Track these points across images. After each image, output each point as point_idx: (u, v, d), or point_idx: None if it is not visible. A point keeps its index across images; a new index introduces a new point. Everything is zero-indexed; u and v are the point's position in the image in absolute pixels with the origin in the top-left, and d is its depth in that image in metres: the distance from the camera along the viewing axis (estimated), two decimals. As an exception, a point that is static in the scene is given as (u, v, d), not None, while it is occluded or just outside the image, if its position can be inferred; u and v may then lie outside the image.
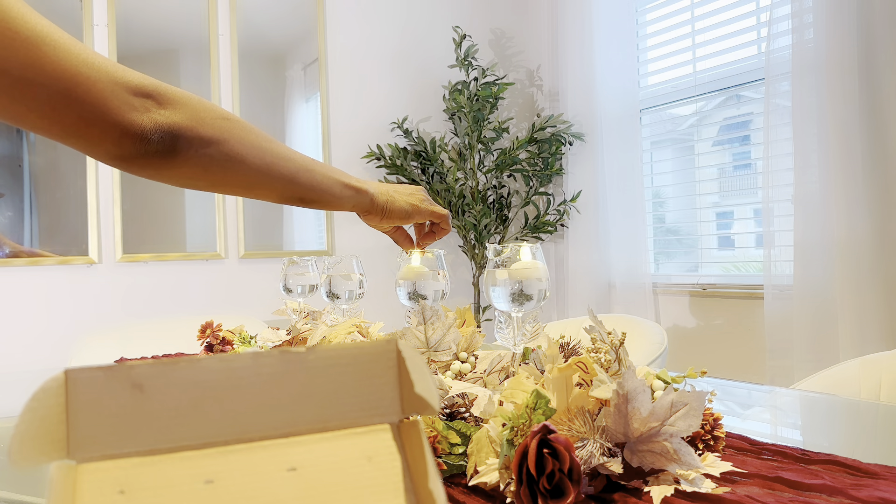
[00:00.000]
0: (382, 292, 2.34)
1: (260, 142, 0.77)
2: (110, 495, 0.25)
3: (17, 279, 2.39)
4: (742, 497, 0.54)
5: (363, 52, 3.04)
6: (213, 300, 2.70)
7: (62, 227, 2.48)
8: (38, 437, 0.25)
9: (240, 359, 0.27)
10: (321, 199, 0.86)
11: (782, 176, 2.36)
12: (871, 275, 2.14)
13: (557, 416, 0.58)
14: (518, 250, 0.80)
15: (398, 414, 0.29)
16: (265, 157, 0.77)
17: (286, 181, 0.80)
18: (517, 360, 0.82)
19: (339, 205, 0.89)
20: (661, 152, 3.05)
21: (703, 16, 2.78)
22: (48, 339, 2.41)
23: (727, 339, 2.66)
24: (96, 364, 0.26)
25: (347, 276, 1.19)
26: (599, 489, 0.56)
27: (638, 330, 1.57)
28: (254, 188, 0.79)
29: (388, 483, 0.27)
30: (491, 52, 3.34)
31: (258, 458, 0.27)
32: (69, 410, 0.26)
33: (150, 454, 0.26)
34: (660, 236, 3.06)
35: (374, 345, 0.29)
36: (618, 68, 2.96)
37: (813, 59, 2.23)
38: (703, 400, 0.55)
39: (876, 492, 0.54)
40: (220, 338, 1.22)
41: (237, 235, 2.75)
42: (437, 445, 0.63)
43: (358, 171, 3.01)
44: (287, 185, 0.81)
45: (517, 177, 3.23)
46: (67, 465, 0.25)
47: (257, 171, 0.76)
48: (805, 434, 0.90)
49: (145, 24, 2.63)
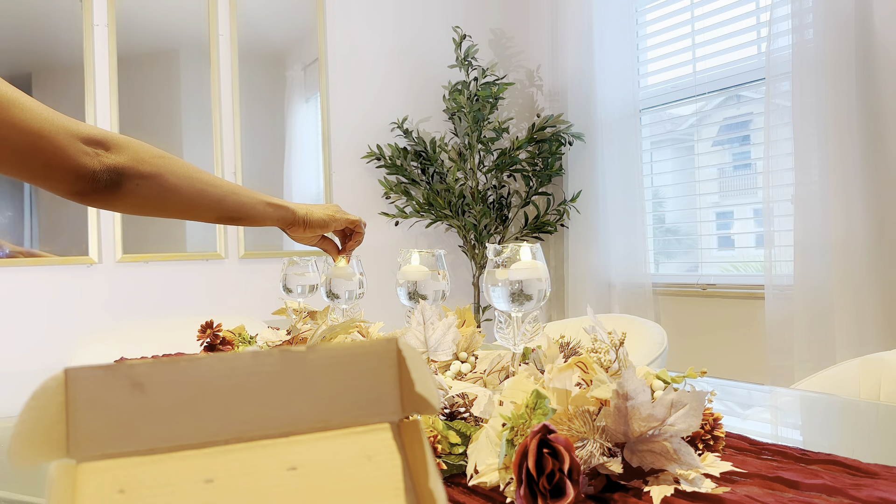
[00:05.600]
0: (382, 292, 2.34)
1: (191, 173, 0.92)
2: (110, 494, 0.25)
3: (17, 279, 2.39)
4: (742, 497, 0.54)
5: (363, 52, 3.04)
6: (213, 300, 2.69)
7: (62, 227, 2.48)
8: (38, 436, 0.25)
9: (240, 358, 0.27)
10: (248, 216, 1.00)
11: (782, 176, 2.36)
12: (871, 274, 2.14)
13: (557, 416, 0.58)
14: (518, 250, 0.80)
15: (398, 413, 0.29)
16: (195, 185, 0.92)
17: (215, 204, 0.95)
18: (517, 360, 0.82)
19: (263, 221, 1.03)
20: (660, 152, 3.04)
21: (703, 16, 2.78)
22: (48, 338, 2.41)
23: (727, 340, 2.66)
24: (96, 363, 0.26)
25: (347, 276, 1.19)
26: (599, 489, 0.56)
27: (638, 330, 1.57)
28: (189, 212, 0.94)
29: (388, 482, 0.27)
30: (491, 52, 3.34)
31: (258, 457, 0.27)
32: (69, 410, 0.26)
33: (150, 453, 0.26)
34: (660, 236, 3.06)
35: (374, 344, 0.29)
36: (618, 68, 2.96)
37: (813, 59, 2.23)
38: (703, 400, 0.55)
39: (876, 492, 0.54)
40: (220, 338, 1.21)
41: (237, 235, 2.75)
42: (437, 445, 0.63)
43: (358, 170, 3.01)
44: (216, 207, 0.96)
45: (517, 177, 3.23)
46: (67, 465, 0.25)
47: (190, 198, 0.92)
48: (805, 434, 0.90)
49: (145, 24, 2.63)
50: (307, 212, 1.08)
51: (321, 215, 1.10)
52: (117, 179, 0.83)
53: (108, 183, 0.83)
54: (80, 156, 0.79)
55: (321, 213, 1.10)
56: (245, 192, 1.00)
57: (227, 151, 2.75)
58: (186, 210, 0.93)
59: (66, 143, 0.78)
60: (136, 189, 0.86)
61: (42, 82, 2.47)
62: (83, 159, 0.79)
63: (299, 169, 2.93)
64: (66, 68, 2.49)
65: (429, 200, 2.93)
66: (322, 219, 1.10)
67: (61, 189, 0.81)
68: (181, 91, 2.70)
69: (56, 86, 2.50)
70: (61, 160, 0.78)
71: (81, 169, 0.80)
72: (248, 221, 1.01)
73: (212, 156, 2.71)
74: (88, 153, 0.80)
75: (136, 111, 2.59)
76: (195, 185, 0.92)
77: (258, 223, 1.03)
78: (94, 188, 0.82)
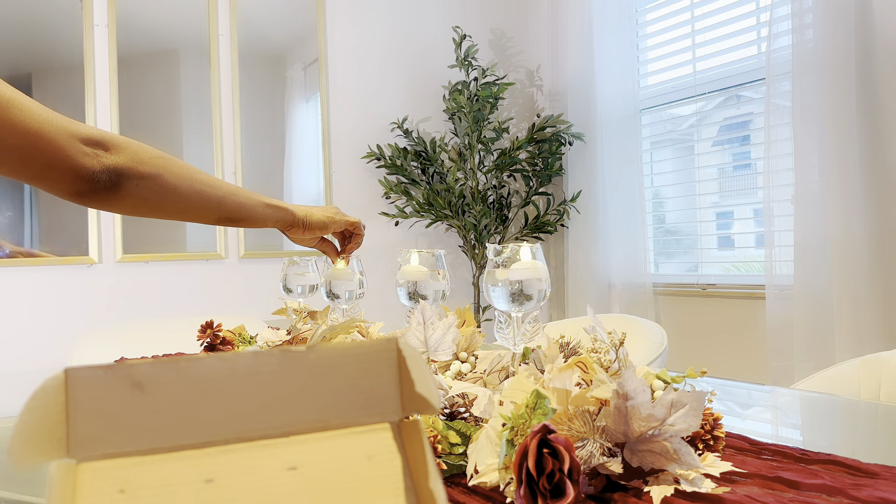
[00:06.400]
0: (382, 292, 2.34)
1: (191, 173, 0.92)
2: (110, 494, 0.25)
3: (17, 279, 2.39)
4: (742, 497, 0.54)
5: (363, 52, 3.04)
6: (214, 300, 2.69)
7: (62, 227, 2.48)
8: (39, 436, 0.25)
9: (240, 358, 0.27)
10: (247, 217, 1.00)
11: (782, 176, 2.36)
12: (871, 274, 2.14)
13: (557, 416, 0.58)
14: (518, 250, 0.80)
15: (398, 413, 0.29)
16: (195, 186, 0.92)
17: (215, 205, 0.95)
18: (517, 360, 0.82)
19: (263, 222, 1.03)
20: (660, 152, 3.05)
21: (703, 16, 2.78)
22: (48, 338, 2.41)
23: (727, 340, 2.66)
24: (96, 363, 0.26)
25: (347, 276, 1.19)
26: (599, 489, 0.56)
27: (638, 330, 1.57)
28: (188, 213, 0.94)
29: (388, 482, 0.27)
30: (491, 52, 3.34)
31: (258, 457, 0.27)
32: (69, 409, 0.26)
33: (150, 453, 0.26)
34: (659, 236, 3.06)
35: (374, 344, 0.29)
36: (618, 68, 2.96)
37: (813, 59, 2.23)
38: (703, 400, 0.55)
39: (876, 492, 0.54)
40: (220, 338, 1.21)
41: (237, 235, 2.75)
42: (437, 445, 0.63)
43: (358, 170, 3.01)
44: (216, 208, 0.95)
45: (517, 177, 3.23)
46: (67, 465, 0.25)
47: (189, 199, 0.92)
48: (805, 434, 0.90)
49: (145, 24, 2.63)
50: (306, 213, 1.08)
51: (320, 217, 1.10)
52: (117, 180, 0.83)
53: (108, 184, 0.83)
54: (79, 156, 0.79)
55: (320, 214, 1.11)
56: (244, 194, 1.00)
57: (227, 151, 2.75)
58: (186, 211, 0.93)
59: (66, 144, 0.78)
60: (136, 190, 0.86)
61: (42, 82, 2.47)
62: (83, 160, 0.79)
63: (299, 169, 2.93)
64: (66, 68, 2.49)
65: (429, 200, 2.93)
66: (321, 220, 1.10)
67: (61, 190, 0.81)
68: (181, 91, 2.70)
69: (56, 86, 2.50)
70: (61, 161, 0.78)
71: (81, 169, 0.80)
72: (248, 223, 1.01)
73: (212, 156, 2.71)
74: (88, 154, 0.80)
75: (136, 111, 2.59)
76: (195, 185, 0.92)
77: (257, 224, 1.03)
78: (94, 189, 0.82)
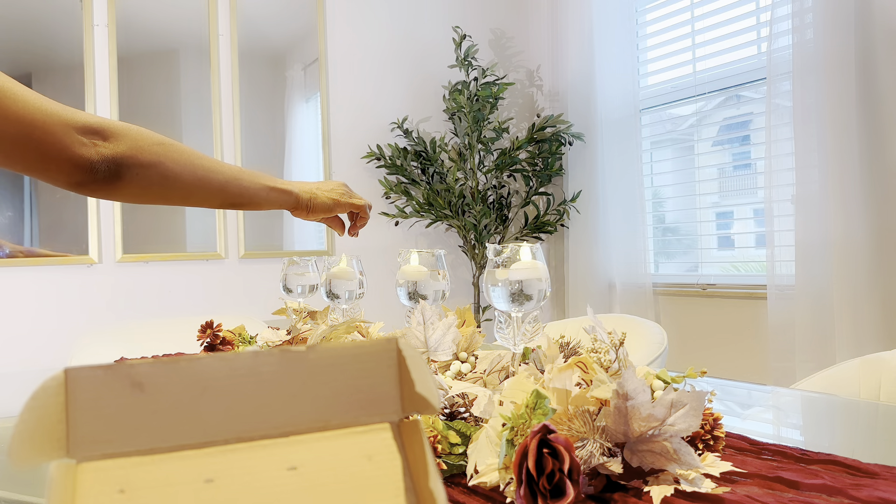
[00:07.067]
0: (382, 292, 2.34)
1: (192, 159, 0.90)
2: (110, 494, 0.25)
3: (17, 279, 2.39)
4: (742, 497, 0.54)
5: (363, 52, 3.04)
6: (214, 300, 2.69)
7: (62, 227, 2.48)
8: (38, 436, 0.25)
9: (240, 358, 0.27)
10: (251, 201, 0.99)
11: (783, 176, 2.36)
12: (871, 274, 2.14)
13: (557, 416, 0.58)
14: (518, 250, 0.80)
15: (398, 413, 0.29)
16: (197, 172, 0.91)
17: (218, 190, 0.94)
18: (517, 360, 0.82)
19: (267, 205, 1.02)
20: (660, 152, 3.04)
21: (703, 16, 2.78)
22: (48, 338, 2.41)
23: (727, 340, 2.66)
24: (96, 363, 0.26)
25: (347, 276, 1.19)
26: (599, 489, 0.56)
27: (638, 330, 1.57)
28: (191, 199, 0.93)
29: (388, 482, 0.27)
30: (491, 52, 3.34)
31: (258, 457, 0.27)
32: (69, 409, 0.26)
33: (150, 453, 0.26)
34: (659, 236, 3.06)
35: (374, 344, 0.29)
36: (618, 68, 2.96)
37: (813, 59, 2.23)
38: (703, 400, 0.55)
39: (876, 492, 0.54)
40: (220, 338, 1.21)
41: (237, 235, 2.75)
42: (437, 445, 0.63)
43: (358, 170, 3.01)
44: (219, 193, 0.94)
45: (517, 177, 3.23)
46: (67, 465, 0.25)
47: (191, 185, 0.91)
48: (805, 434, 0.90)
49: (145, 24, 2.63)
50: (311, 196, 1.08)
51: (325, 200, 1.10)
52: (116, 170, 0.82)
53: (107, 173, 0.81)
54: (76, 146, 0.78)
55: (325, 196, 1.10)
56: (248, 177, 0.99)
57: (228, 151, 2.75)
58: (188, 197, 0.92)
59: (62, 134, 0.76)
60: (137, 178, 0.84)
61: (42, 82, 2.47)
62: (80, 150, 0.78)
63: (299, 169, 2.93)
64: (66, 68, 2.49)
65: (429, 200, 2.93)
66: (326, 203, 1.10)
67: (60, 180, 0.80)
68: (181, 91, 2.70)
69: (56, 86, 2.50)
70: (57, 151, 0.76)
71: (79, 160, 0.78)
72: (251, 206, 1.01)
73: (212, 155, 2.70)
74: (85, 143, 0.79)
75: (136, 111, 2.59)
76: (197, 172, 0.91)
77: (261, 208, 1.02)
78: (94, 179, 0.81)
